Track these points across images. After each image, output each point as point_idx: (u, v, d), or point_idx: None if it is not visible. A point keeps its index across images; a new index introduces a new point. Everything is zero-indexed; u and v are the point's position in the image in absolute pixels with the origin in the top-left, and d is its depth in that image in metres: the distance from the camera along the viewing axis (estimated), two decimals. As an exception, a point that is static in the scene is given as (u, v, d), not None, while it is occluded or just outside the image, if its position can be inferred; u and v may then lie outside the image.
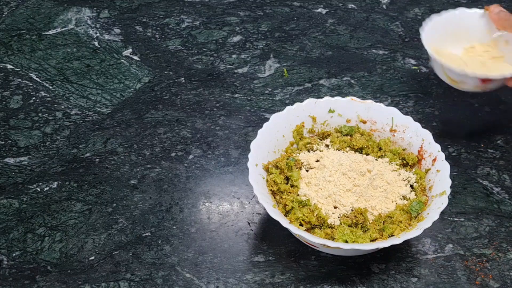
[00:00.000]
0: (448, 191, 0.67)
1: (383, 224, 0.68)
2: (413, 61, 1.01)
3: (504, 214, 0.76)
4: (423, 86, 0.95)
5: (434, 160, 0.72)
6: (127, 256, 0.71)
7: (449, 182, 0.68)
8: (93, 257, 0.71)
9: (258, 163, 0.71)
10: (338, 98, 0.79)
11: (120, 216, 0.75)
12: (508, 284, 0.68)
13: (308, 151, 0.76)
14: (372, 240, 0.67)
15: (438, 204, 0.66)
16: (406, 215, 0.69)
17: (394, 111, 0.78)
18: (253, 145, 0.72)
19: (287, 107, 0.77)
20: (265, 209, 0.67)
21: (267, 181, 0.72)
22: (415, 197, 0.71)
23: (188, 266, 0.70)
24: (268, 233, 0.73)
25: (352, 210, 0.69)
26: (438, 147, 0.73)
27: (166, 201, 0.77)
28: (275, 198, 0.71)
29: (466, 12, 0.85)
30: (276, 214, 0.65)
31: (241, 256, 0.71)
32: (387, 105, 0.78)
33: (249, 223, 0.75)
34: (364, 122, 0.79)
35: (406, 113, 0.79)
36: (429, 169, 0.72)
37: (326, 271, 0.69)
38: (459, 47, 0.86)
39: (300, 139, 0.77)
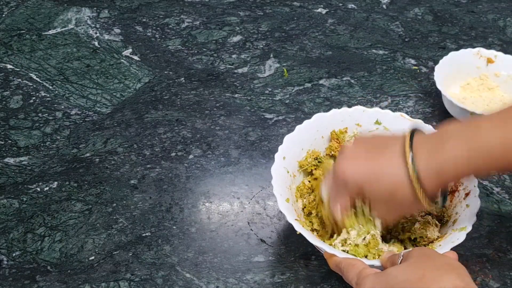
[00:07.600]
0: (469, 228, 0.63)
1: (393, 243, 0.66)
2: (413, 61, 1.01)
3: (504, 214, 0.76)
4: (423, 86, 0.95)
5: (467, 194, 0.68)
6: (127, 256, 0.70)
7: (474, 219, 0.64)
8: (93, 257, 0.70)
9: (287, 156, 0.70)
10: (387, 111, 0.76)
11: (120, 216, 0.75)
12: (508, 284, 0.68)
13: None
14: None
15: (453, 238, 0.62)
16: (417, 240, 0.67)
17: None
18: (287, 138, 0.71)
19: (333, 110, 0.75)
20: (276, 202, 0.65)
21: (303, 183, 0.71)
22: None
23: (188, 266, 0.70)
24: (268, 233, 0.73)
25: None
26: (475, 181, 0.68)
27: (166, 201, 0.77)
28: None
29: (456, 54, 0.92)
30: (285, 208, 0.64)
31: (241, 256, 0.71)
32: (387, 105, 0.78)
33: (249, 223, 0.75)
34: None
35: (405, 113, 0.79)
36: (460, 203, 0.68)
37: (326, 271, 0.69)
38: (456, 86, 0.92)
39: (339, 143, 0.75)
